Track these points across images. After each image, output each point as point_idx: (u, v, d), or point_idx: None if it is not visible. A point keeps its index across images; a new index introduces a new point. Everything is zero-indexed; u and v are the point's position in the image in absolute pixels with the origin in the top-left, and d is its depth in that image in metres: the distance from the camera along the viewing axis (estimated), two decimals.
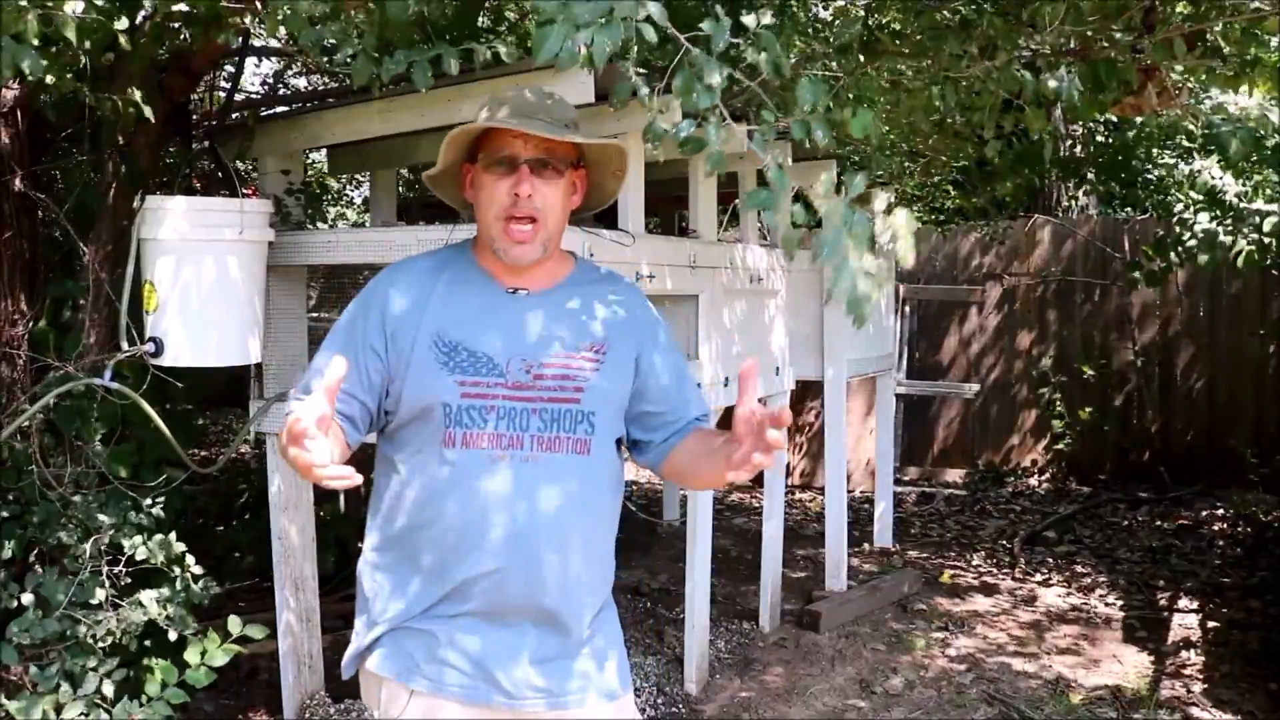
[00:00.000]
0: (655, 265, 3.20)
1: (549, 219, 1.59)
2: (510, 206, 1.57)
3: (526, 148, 1.57)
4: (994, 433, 7.39)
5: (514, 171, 1.57)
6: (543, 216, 1.58)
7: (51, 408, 2.81)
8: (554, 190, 1.60)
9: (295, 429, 1.28)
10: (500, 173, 1.58)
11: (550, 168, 1.59)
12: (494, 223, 1.59)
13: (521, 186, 1.56)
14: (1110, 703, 3.66)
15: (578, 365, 1.61)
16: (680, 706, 3.58)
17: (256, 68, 7.62)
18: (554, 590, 1.58)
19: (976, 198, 5.70)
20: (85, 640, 2.68)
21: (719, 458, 1.47)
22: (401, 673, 1.58)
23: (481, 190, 1.60)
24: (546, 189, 1.58)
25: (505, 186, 1.57)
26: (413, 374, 1.56)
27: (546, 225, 1.59)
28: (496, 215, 1.58)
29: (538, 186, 1.57)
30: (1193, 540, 5.78)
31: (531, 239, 1.58)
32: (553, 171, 1.59)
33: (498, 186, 1.58)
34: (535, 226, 1.58)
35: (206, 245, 2.75)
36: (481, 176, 1.60)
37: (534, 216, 1.58)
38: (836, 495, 4.75)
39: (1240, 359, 6.83)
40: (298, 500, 3.27)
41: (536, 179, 1.57)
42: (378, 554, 1.64)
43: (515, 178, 1.57)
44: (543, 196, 1.58)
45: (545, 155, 1.58)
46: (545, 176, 1.58)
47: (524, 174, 1.57)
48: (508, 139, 1.58)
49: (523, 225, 1.57)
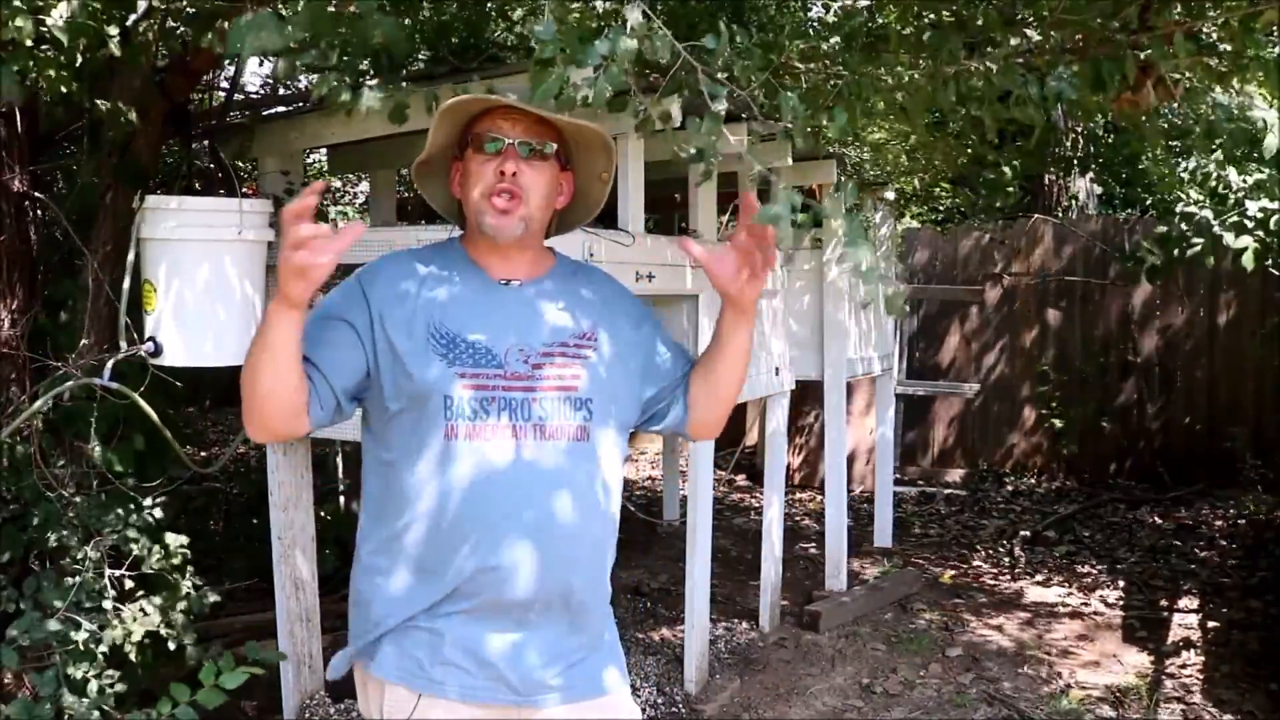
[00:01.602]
0: (655, 265, 3.20)
1: (531, 198, 1.61)
2: (495, 184, 1.59)
3: (515, 130, 1.61)
4: (994, 433, 7.39)
5: (501, 153, 1.60)
6: (525, 195, 1.61)
7: (51, 408, 2.81)
8: (538, 174, 1.62)
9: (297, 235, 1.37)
10: (488, 154, 1.61)
11: (536, 154, 1.62)
12: (479, 200, 1.61)
13: (507, 165, 1.59)
14: (1110, 703, 3.66)
15: (574, 353, 1.62)
16: (680, 706, 3.58)
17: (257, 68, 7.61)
18: (561, 582, 1.57)
19: (976, 198, 5.70)
20: (86, 644, 2.67)
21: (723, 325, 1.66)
22: (406, 676, 1.56)
23: (470, 175, 1.63)
24: (531, 171, 1.61)
25: (492, 166, 1.60)
26: (409, 365, 1.55)
27: (528, 204, 1.61)
28: (482, 193, 1.60)
29: (522, 168, 1.60)
30: (1193, 540, 5.78)
31: (513, 212, 1.60)
32: (538, 156, 1.62)
33: (485, 167, 1.60)
34: (516, 202, 1.60)
35: (206, 245, 2.75)
36: (469, 162, 1.63)
37: (515, 192, 1.60)
38: (836, 495, 4.75)
39: (1240, 359, 6.83)
40: (298, 499, 3.27)
41: (522, 162, 1.60)
42: (375, 556, 1.61)
43: (501, 157, 1.60)
44: (527, 178, 1.60)
45: (532, 139, 1.61)
46: (531, 161, 1.61)
47: (510, 153, 1.60)
48: (496, 122, 1.61)
49: (504, 199, 1.60)
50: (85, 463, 2.90)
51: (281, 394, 1.50)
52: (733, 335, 1.66)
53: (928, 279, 7.40)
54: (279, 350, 1.46)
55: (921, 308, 7.33)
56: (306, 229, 1.37)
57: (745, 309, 1.62)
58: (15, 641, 2.60)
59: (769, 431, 4.33)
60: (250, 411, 1.52)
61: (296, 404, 1.52)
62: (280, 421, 1.53)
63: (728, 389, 1.73)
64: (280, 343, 1.46)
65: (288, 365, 1.48)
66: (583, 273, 1.77)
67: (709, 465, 3.77)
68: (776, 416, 4.27)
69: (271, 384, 1.48)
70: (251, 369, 1.48)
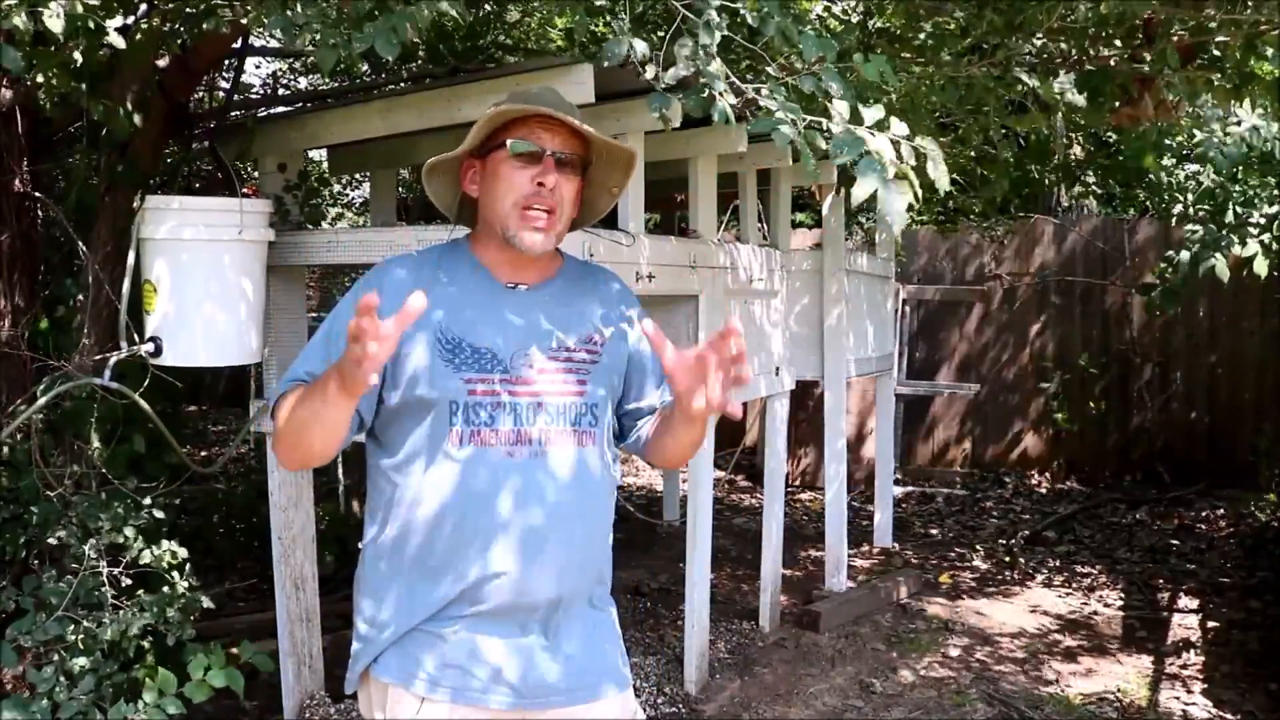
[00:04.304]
0: (655, 265, 3.20)
1: (564, 214, 1.60)
2: (532, 195, 1.56)
3: (554, 141, 1.58)
4: (994, 432, 7.39)
5: (538, 162, 1.57)
6: (560, 210, 1.59)
7: (51, 408, 2.81)
8: (571, 187, 1.60)
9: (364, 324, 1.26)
10: (523, 161, 1.57)
11: (570, 166, 1.60)
12: (511, 210, 1.57)
13: (547, 177, 1.56)
14: (1110, 702, 3.66)
15: (579, 358, 1.61)
16: (680, 706, 3.58)
17: (257, 68, 7.62)
18: (566, 586, 1.58)
19: (976, 199, 5.70)
20: (85, 641, 2.67)
21: (675, 419, 1.56)
22: (409, 680, 1.55)
23: (499, 180, 1.58)
24: (565, 184, 1.59)
25: (528, 175, 1.57)
26: (414, 369, 1.54)
27: (561, 219, 1.60)
28: (515, 202, 1.57)
29: (559, 180, 1.58)
30: (1193, 540, 5.78)
31: (548, 228, 1.58)
32: (571, 170, 1.60)
33: (519, 174, 1.57)
34: (551, 218, 1.58)
35: (206, 245, 2.75)
36: (500, 166, 1.58)
37: (553, 208, 1.58)
38: (836, 495, 4.75)
39: (1240, 359, 6.83)
40: (298, 500, 3.27)
41: (558, 173, 1.58)
42: (379, 562, 1.60)
43: (540, 168, 1.57)
44: (561, 191, 1.58)
45: (569, 152, 1.59)
46: (565, 173, 1.59)
47: (549, 165, 1.57)
48: (535, 129, 1.58)
49: (541, 213, 1.57)
50: (85, 462, 2.90)
51: (329, 451, 1.52)
52: (685, 430, 1.58)
53: (928, 279, 7.39)
54: (334, 425, 1.46)
55: (921, 308, 7.33)
56: (368, 323, 1.26)
57: (694, 421, 1.52)
58: (15, 641, 2.60)
59: (769, 431, 4.32)
60: (291, 453, 1.54)
61: (336, 450, 1.54)
62: (321, 462, 1.58)
63: (678, 457, 1.69)
64: (337, 422, 1.45)
65: (339, 434, 1.48)
66: (590, 276, 1.74)
67: (709, 465, 3.77)
68: (776, 416, 4.27)
69: (320, 446, 1.50)
70: (301, 431, 1.48)
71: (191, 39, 2.84)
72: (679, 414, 1.53)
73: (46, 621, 2.64)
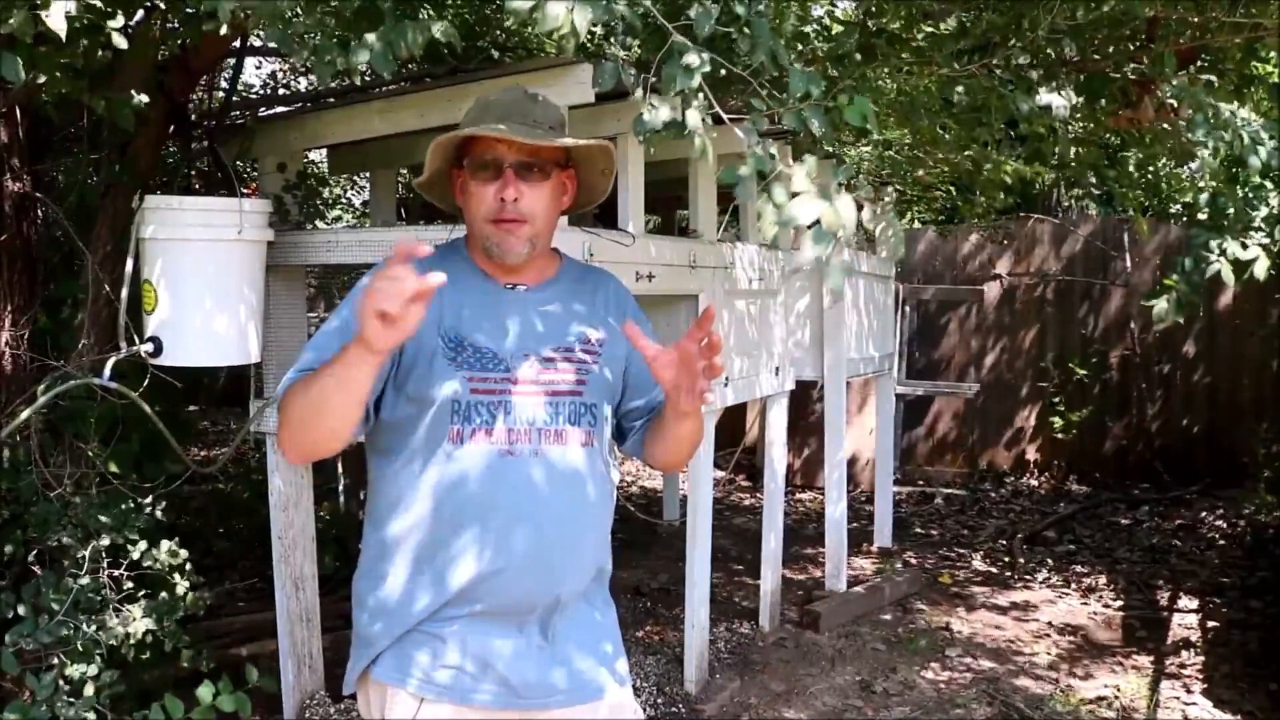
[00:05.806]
0: (655, 265, 3.20)
1: (536, 219, 1.59)
2: (498, 211, 1.56)
3: (510, 151, 1.56)
4: (994, 432, 7.39)
5: (499, 176, 1.56)
6: (530, 218, 1.58)
7: (51, 408, 2.81)
8: (539, 193, 1.59)
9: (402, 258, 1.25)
10: (485, 177, 1.57)
11: (536, 170, 1.58)
12: (483, 225, 1.58)
13: (507, 191, 1.55)
14: (1110, 703, 3.66)
15: (579, 358, 1.62)
16: (680, 706, 3.58)
17: (257, 68, 7.61)
18: (565, 585, 1.57)
19: (975, 199, 5.70)
20: (85, 644, 2.66)
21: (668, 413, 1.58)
22: (408, 680, 1.55)
23: (470, 196, 1.60)
24: (532, 192, 1.57)
25: (491, 191, 1.56)
26: (416, 368, 1.54)
27: (534, 224, 1.59)
28: (484, 217, 1.58)
29: (523, 190, 1.56)
30: (1193, 540, 5.78)
31: (519, 234, 1.57)
32: (538, 174, 1.58)
33: (484, 191, 1.57)
34: (523, 226, 1.57)
35: (206, 245, 2.75)
36: (469, 182, 1.59)
37: (519, 219, 1.57)
38: (836, 495, 4.75)
39: (1240, 359, 6.83)
40: (298, 499, 3.27)
41: (522, 182, 1.56)
42: (378, 562, 1.60)
43: (500, 182, 1.56)
44: (528, 200, 1.57)
45: (530, 158, 1.57)
46: (530, 180, 1.57)
47: (509, 178, 1.56)
48: (492, 144, 1.56)
49: (510, 224, 1.57)
50: (85, 463, 2.90)
51: (342, 432, 1.45)
52: (677, 423, 1.60)
53: (927, 279, 7.40)
54: (353, 391, 1.38)
55: (921, 307, 7.33)
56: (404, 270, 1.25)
57: (684, 416, 1.56)
58: (15, 646, 2.59)
59: (769, 431, 4.32)
60: (299, 440, 1.47)
61: (347, 436, 1.48)
62: (327, 450, 1.51)
63: (678, 456, 1.70)
64: (360, 383, 1.37)
65: (359, 404, 1.41)
66: (590, 276, 1.75)
67: (709, 465, 3.77)
68: (776, 416, 4.27)
69: (336, 423, 1.43)
70: (317, 405, 1.40)
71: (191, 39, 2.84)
72: (669, 410, 1.57)
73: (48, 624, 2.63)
